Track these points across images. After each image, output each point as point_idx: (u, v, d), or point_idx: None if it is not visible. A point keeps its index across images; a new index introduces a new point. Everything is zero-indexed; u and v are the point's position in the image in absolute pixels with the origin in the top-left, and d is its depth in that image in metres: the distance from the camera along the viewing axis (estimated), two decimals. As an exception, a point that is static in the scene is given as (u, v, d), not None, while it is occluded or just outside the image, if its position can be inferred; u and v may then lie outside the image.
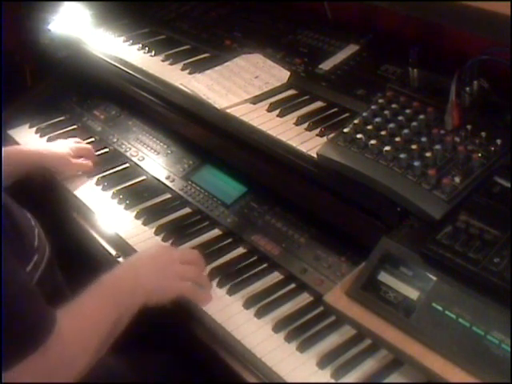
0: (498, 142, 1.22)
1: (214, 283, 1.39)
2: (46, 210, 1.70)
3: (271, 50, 1.77)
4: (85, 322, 1.17)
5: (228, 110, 1.58)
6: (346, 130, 1.35)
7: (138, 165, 1.82)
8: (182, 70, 1.79)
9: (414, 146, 1.25)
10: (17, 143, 2.00)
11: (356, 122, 1.36)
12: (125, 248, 1.53)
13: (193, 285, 1.34)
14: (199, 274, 1.37)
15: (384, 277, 1.15)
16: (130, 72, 1.84)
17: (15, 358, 1.03)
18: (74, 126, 2.07)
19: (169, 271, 1.32)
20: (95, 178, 1.79)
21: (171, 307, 1.34)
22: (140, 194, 1.72)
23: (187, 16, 2.09)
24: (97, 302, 1.21)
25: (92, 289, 1.22)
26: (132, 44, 1.98)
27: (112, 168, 1.84)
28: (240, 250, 1.49)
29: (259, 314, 1.30)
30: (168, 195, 1.71)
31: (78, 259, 1.61)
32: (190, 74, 1.76)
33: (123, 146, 1.90)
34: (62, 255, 1.35)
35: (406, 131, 1.29)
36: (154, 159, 1.82)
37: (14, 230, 1.16)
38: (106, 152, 1.93)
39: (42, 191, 1.78)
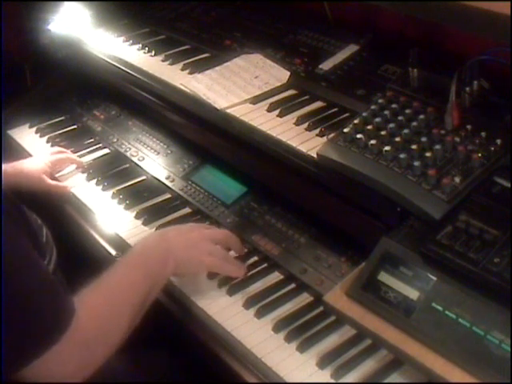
0: (498, 141, 1.22)
1: (214, 283, 1.39)
2: (45, 209, 1.70)
3: (271, 50, 1.77)
4: (113, 301, 1.15)
5: (228, 110, 1.58)
6: (345, 130, 1.35)
7: (138, 165, 1.82)
8: (182, 69, 1.79)
9: (413, 146, 1.25)
10: (17, 143, 2.00)
11: (356, 122, 1.36)
12: (125, 248, 1.53)
13: (221, 260, 1.33)
14: (227, 255, 1.37)
15: (384, 277, 1.15)
16: (130, 72, 1.84)
17: (34, 351, 1.02)
18: (74, 126, 2.07)
19: (199, 246, 1.32)
20: (95, 178, 1.79)
21: (172, 307, 1.34)
22: (140, 194, 1.72)
23: (187, 16, 2.09)
24: (126, 274, 1.20)
25: (121, 261, 1.22)
26: (132, 44, 1.98)
27: (112, 168, 1.84)
28: (240, 250, 1.49)
29: (259, 314, 1.30)
30: (168, 195, 1.71)
31: (77, 259, 1.61)
32: (190, 74, 1.76)
33: (123, 146, 1.91)
34: (61, 255, 1.35)
35: (406, 131, 1.29)
36: (153, 159, 1.82)
37: (28, 225, 1.17)
38: (106, 152, 1.93)
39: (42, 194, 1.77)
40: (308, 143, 1.43)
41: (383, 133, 1.31)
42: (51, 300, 1.06)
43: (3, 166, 1.64)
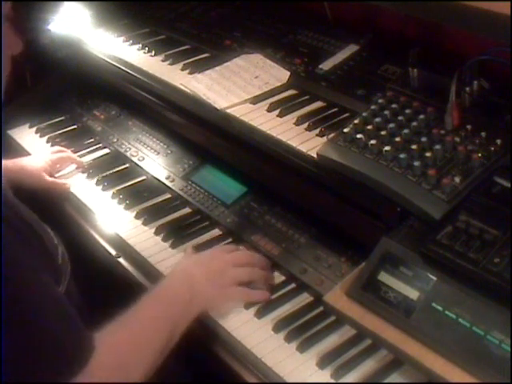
0: (498, 141, 1.22)
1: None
2: (45, 209, 1.70)
3: (271, 50, 1.77)
4: (135, 341, 1.13)
5: (228, 110, 1.58)
6: (345, 130, 1.35)
7: (138, 165, 1.82)
8: (182, 70, 1.79)
9: (413, 146, 1.25)
10: (17, 143, 2.00)
11: (356, 122, 1.36)
12: (125, 248, 1.53)
13: (246, 288, 1.31)
14: (254, 274, 1.34)
15: (384, 277, 1.15)
16: (130, 72, 1.84)
17: (52, 380, 1.00)
18: (74, 126, 2.07)
19: (224, 277, 1.29)
20: (95, 178, 1.79)
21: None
22: (140, 194, 1.72)
23: (187, 16, 2.09)
24: (149, 314, 1.17)
25: (145, 300, 1.18)
26: (132, 44, 1.98)
27: (112, 168, 1.84)
28: (240, 250, 1.49)
29: (259, 314, 1.30)
30: (168, 195, 1.71)
31: (78, 259, 1.61)
32: (190, 74, 1.76)
33: (123, 146, 1.91)
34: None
35: (406, 131, 1.29)
36: (153, 159, 1.82)
37: (44, 251, 1.13)
38: (106, 152, 1.93)
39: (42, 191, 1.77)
40: (308, 143, 1.43)
41: (383, 133, 1.31)
42: (71, 336, 1.04)
43: (3, 162, 1.65)
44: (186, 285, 1.25)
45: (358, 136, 1.31)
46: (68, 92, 2.18)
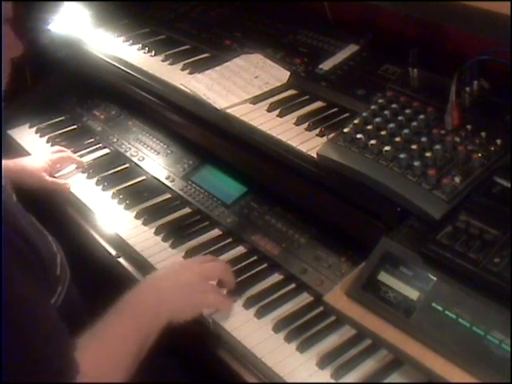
0: (498, 141, 1.22)
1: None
2: (45, 210, 1.70)
3: (271, 50, 1.77)
4: (108, 355, 1.13)
5: (228, 110, 1.58)
6: (345, 130, 1.35)
7: (138, 165, 1.82)
8: (182, 70, 1.79)
9: (413, 146, 1.25)
10: (17, 143, 2.00)
11: (356, 121, 1.36)
12: (125, 248, 1.53)
13: (216, 295, 1.30)
14: (218, 289, 1.33)
15: (384, 277, 1.15)
16: (130, 72, 1.84)
17: None
18: (74, 126, 2.07)
19: (192, 288, 1.28)
20: (95, 178, 1.79)
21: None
22: (140, 194, 1.72)
23: (187, 16, 2.09)
24: (120, 328, 1.17)
25: (113, 313, 1.17)
26: (132, 44, 1.98)
27: (112, 168, 1.84)
28: (240, 250, 1.49)
29: (259, 314, 1.30)
30: (168, 195, 1.71)
31: (78, 259, 1.61)
32: (190, 74, 1.76)
33: (123, 146, 1.91)
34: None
35: (406, 131, 1.29)
36: (153, 159, 1.82)
37: (39, 262, 1.11)
38: (106, 152, 1.93)
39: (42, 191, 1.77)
40: (308, 143, 1.43)
41: (383, 133, 1.31)
42: (56, 359, 1.03)
43: (4, 162, 1.65)
44: (153, 296, 1.23)
45: (358, 136, 1.31)
46: (68, 92, 2.18)
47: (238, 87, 1.65)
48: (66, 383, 1.02)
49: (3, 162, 1.66)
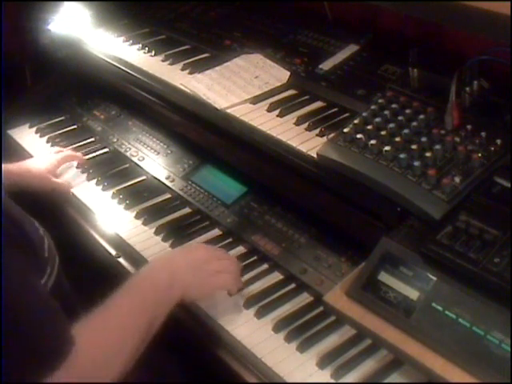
0: (498, 141, 1.22)
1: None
2: (45, 209, 1.70)
3: (271, 50, 1.77)
4: (116, 326, 1.12)
5: (228, 110, 1.58)
6: (345, 130, 1.35)
7: (138, 165, 1.82)
8: (182, 70, 1.79)
9: (413, 146, 1.25)
10: (17, 143, 2.00)
11: (356, 121, 1.36)
12: (125, 248, 1.53)
13: (228, 275, 1.31)
14: (232, 268, 1.33)
15: (384, 277, 1.15)
16: (130, 72, 1.84)
17: (34, 377, 1.00)
18: (74, 126, 2.07)
19: (205, 267, 1.28)
20: (95, 178, 1.79)
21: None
22: (140, 194, 1.72)
23: (187, 16, 2.09)
24: (130, 302, 1.16)
25: (123, 288, 1.17)
26: (132, 44, 1.98)
27: (112, 168, 1.84)
28: (240, 250, 1.49)
29: (259, 314, 1.30)
30: (168, 195, 1.71)
31: (78, 259, 1.61)
32: (190, 74, 1.76)
33: (123, 146, 1.91)
34: (61, 255, 1.35)
35: (406, 131, 1.29)
36: (153, 159, 1.82)
37: (27, 242, 1.13)
38: (106, 152, 1.93)
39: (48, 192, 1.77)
40: (308, 143, 1.43)
41: (383, 133, 1.31)
42: (51, 331, 1.04)
43: (8, 167, 1.67)
44: (166, 271, 1.24)
45: (358, 136, 1.31)
46: (68, 92, 2.18)
47: (238, 87, 1.65)
48: (60, 358, 1.02)
49: (6, 166, 1.69)
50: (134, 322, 1.14)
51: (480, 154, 1.21)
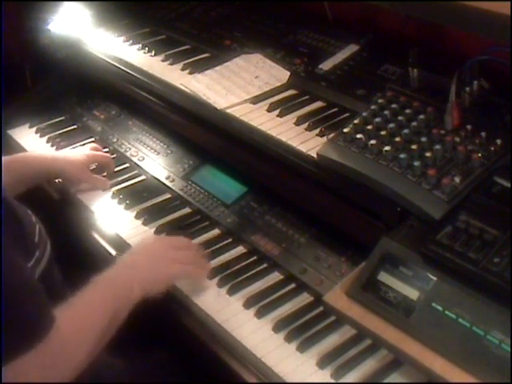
0: (498, 141, 1.22)
1: (214, 283, 1.39)
2: (45, 209, 1.70)
3: (271, 50, 1.77)
4: (83, 319, 1.19)
5: (228, 110, 1.58)
6: (345, 130, 1.35)
7: (138, 165, 1.82)
8: (182, 70, 1.79)
9: (413, 146, 1.25)
10: (17, 143, 2.00)
11: (356, 121, 1.36)
12: (125, 248, 1.53)
13: (184, 265, 1.36)
14: (192, 255, 1.39)
15: (384, 277, 1.15)
16: (130, 72, 1.84)
17: (12, 352, 1.04)
18: (74, 126, 2.07)
19: (162, 257, 1.35)
20: (95, 178, 1.79)
21: (172, 306, 1.34)
22: (140, 194, 1.72)
23: (187, 16, 2.09)
24: (94, 297, 1.23)
25: (90, 283, 1.23)
26: (132, 44, 1.98)
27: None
28: (240, 250, 1.49)
29: (259, 313, 1.30)
30: (168, 195, 1.71)
31: (77, 259, 1.61)
32: (190, 74, 1.76)
33: (123, 146, 1.91)
34: (61, 255, 1.35)
35: (406, 131, 1.29)
36: (154, 159, 1.82)
37: (17, 224, 1.17)
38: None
39: (41, 191, 1.77)
40: (308, 143, 1.43)
41: (383, 133, 1.31)
42: (31, 306, 1.09)
43: (43, 156, 1.77)
44: (125, 271, 1.31)
45: (358, 136, 1.31)
46: (68, 92, 2.18)
47: (238, 87, 1.65)
48: (39, 336, 1.07)
49: (39, 154, 1.80)
50: (99, 312, 1.21)
51: (480, 154, 1.21)
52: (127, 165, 1.85)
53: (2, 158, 1.55)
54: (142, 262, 1.33)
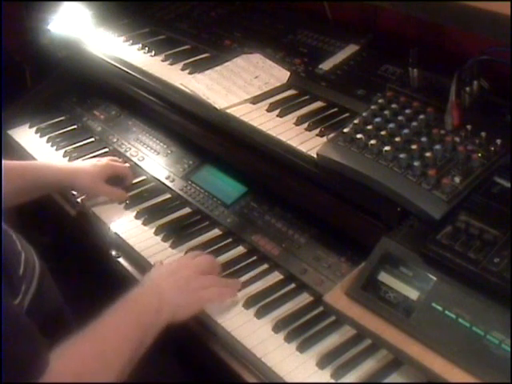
0: (498, 142, 1.22)
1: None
2: (45, 210, 1.70)
3: (271, 50, 1.77)
4: (98, 353, 1.10)
5: (228, 110, 1.58)
6: (345, 130, 1.35)
7: (138, 165, 1.82)
8: (182, 69, 1.79)
9: (413, 146, 1.25)
10: (17, 143, 2.00)
11: (356, 122, 1.36)
12: (125, 248, 1.53)
13: (214, 289, 1.32)
14: (218, 280, 1.35)
15: (384, 277, 1.15)
16: (130, 72, 1.84)
17: None
18: (74, 126, 2.07)
19: (191, 285, 1.29)
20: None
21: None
22: (140, 194, 1.72)
23: (187, 16, 2.09)
24: (116, 326, 1.15)
25: (111, 311, 1.16)
26: (132, 44, 1.98)
27: (112, 168, 1.84)
28: (240, 250, 1.49)
29: (259, 313, 1.30)
30: (168, 195, 1.71)
31: (77, 259, 1.61)
32: (190, 74, 1.76)
33: (123, 146, 1.90)
34: (61, 255, 1.35)
35: (406, 131, 1.29)
36: (153, 159, 1.82)
37: (2, 263, 1.07)
38: (106, 152, 1.93)
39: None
40: (308, 143, 1.43)
41: (383, 133, 1.31)
42: (21, 350, 1.00)
43: (54, 165, 1.73)
44: (154, 295, 1.24)
45: (358, 136, 1.31)
46: (68, 92, 2.18)
47: (238, 87, 1.65)
48: (30, 379, 0.99)
49: (55, 164, 1.75)
50: (122, 342, 1.13)
51: (480, 154, 1.21)
52: (127, 165, 1.84)
53: (12, 163, 1.54)
54: (171, 285, 1.27)
